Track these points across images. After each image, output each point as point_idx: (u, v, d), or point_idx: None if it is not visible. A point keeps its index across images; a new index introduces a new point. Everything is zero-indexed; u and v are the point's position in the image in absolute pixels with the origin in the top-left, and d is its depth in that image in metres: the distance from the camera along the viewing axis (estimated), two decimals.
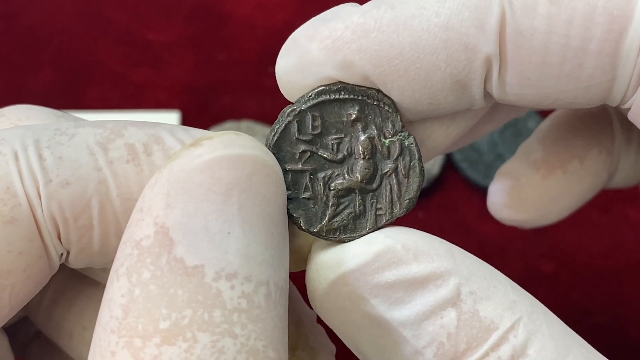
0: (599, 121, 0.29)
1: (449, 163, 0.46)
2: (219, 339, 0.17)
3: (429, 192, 0.45)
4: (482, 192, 0.45)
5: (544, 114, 0.47)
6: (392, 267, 0.20)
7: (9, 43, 0.49)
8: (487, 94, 0.21)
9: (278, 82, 0.21)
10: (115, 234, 0.19)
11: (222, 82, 0.49)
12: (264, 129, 0.46)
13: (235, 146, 0.18)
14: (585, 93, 0.20)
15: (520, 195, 0.29)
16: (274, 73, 0.21)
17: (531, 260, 0.44)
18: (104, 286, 0.19)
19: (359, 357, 0.21)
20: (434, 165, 0.45)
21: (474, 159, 0.46)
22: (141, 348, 0.16)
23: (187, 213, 0.17)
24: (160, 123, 0.20)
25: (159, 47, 0.50)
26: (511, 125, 0.47)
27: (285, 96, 0.21)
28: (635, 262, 0.43)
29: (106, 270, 0.23)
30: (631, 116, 0.21)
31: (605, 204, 0.45)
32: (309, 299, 0.21)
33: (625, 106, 0.21)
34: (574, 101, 0.21)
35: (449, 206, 0.45)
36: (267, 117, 0.47)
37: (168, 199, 0.17)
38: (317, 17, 0.21)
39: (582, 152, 0.28)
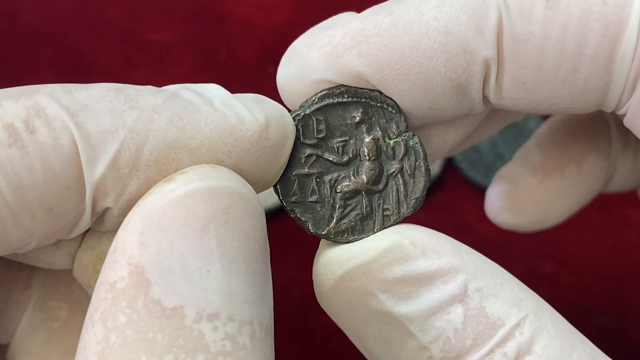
0: (596, 126, 0.29)
1: (449, 163, 0.46)
2: None
3: (429, 192, 0.45)
4: (482, 192, 0.45)
5: (544, 115, 0.47)
6: (400, 262, 0.20)
7: (9, 43, 0.49)
8: (485, 99, 0.21)
9: (280, 92, 0.21)
10: (14, 226, 0.18)
11: (222, 82, 0.49)
12: None
13: (211, 178, 0.17)
14: (581, 98, 0.21)
15: (519, 199, 0.29)
16: (274, 73, 0.21)
17: (531, 260, 0.44)
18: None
19: (364, 353, 0.21)
20: (434, 166, 0.45)
21: (474, 159, 0.46)
22: None
23: (163, 251, 0.16)
24: (39, 86, 0.19)
25: (159, 47, 0.50)
26: (511, 126, 0.47)
27: (287, 105, 0.21)
28: (636, 263, 0.43)
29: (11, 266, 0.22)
30: (627, 122, 0.21)
31: (605, 205, 0.44)
32: (316, 295, 0.21)
33: (620, 112, 0.21)
34: (570, 106, 0.21)
35: (449, 206, 0.45)
36: None
37: (142, 237, 0.17)
38: (316, 26, 0.21)
39: (580, 157, 0.28)
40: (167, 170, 0.18)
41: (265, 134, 0.19)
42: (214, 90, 0.20)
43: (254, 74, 0.49)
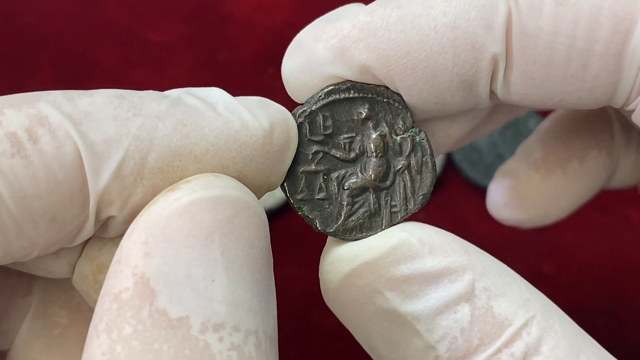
0: (598, 122, 0.29)
1: (449, 163, 0.46)
2: None
3: None
4: (482, 192, 0.45)
5: (544, 114, 0.47)
6: (408, 260, 0.20)
7: (9, 43, 0.49)
8: (492, 94, 0.21)
9: (285, 84, 0.21)
10: (17, 235, 0.17)
11: (222, 82, 0.49)
12: None
13: (215, 187, 0.17)
14: (590, 94, 0.20)
15: (520, 195, 0.29)
16: (274, 73, 0.21)
17: (531, 260, 0.44)
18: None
19: (369, 352, 0.21)
20: None
21: (474, 159, 0.46)
22: None
23: (168, 261, 0.16)
24: (40, 93, 0.18)
25: (159, 47, 0.50)
26: (511, 126, 0.47)
27: (292, 97, 0.21)
28: (636, 263, 0.43)
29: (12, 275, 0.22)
30: (635, 118, 0.21)
31: (605, 204, 0.44)
32: (322, 293, 0.21)
33: (629, 108, 0.21)
34: (578, 102, 0.21)
35: (449, 206, 0.45)
36: None
37: (146, 247, 0.17)
38: (322, 17, 0.21)
39: (582, 153, 0.28)
40: (171, 177, 0.18)
41: (270, 139, 0.19)
42: (217, 95, 0.19)
43: (254, 74, 0.49)
